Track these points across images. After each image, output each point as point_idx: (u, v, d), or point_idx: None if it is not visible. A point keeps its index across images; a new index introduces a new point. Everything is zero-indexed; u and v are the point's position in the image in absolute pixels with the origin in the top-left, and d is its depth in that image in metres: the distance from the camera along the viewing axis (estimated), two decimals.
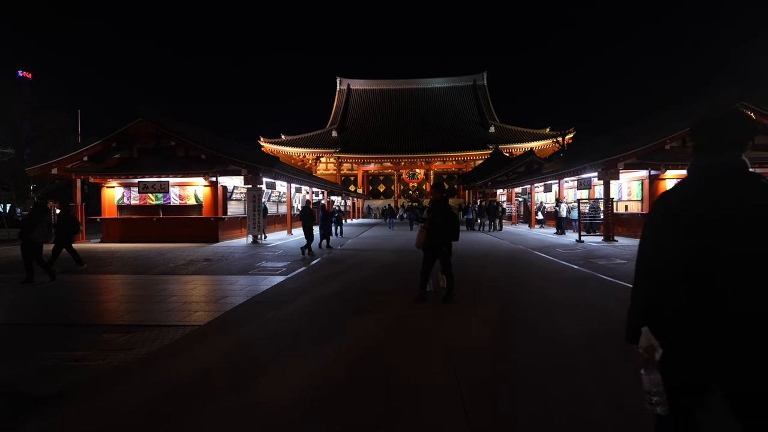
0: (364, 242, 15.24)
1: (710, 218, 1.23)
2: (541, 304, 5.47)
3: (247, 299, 5.85)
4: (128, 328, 4.52)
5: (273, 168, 13.60)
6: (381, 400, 2.75)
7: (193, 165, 13.93)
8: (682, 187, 1.37)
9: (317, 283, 7.13)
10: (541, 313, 4.96)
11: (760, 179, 1.24)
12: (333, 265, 9.40)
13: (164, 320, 4.83)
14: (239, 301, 5.78)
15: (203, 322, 4.68)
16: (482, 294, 6.14)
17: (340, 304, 5.52)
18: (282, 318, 4.85)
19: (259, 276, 7.98)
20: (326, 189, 25.54)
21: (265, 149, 48.11)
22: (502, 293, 6.16)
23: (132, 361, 3.50)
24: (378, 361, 3.47)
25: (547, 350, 3.68)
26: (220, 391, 2.92)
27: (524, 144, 45.35)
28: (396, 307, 5.22)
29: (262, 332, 4.31)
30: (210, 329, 4.45)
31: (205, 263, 9.84)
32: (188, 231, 14.25)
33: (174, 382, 3.10)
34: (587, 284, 6.81)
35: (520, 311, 5.10)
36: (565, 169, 16.61)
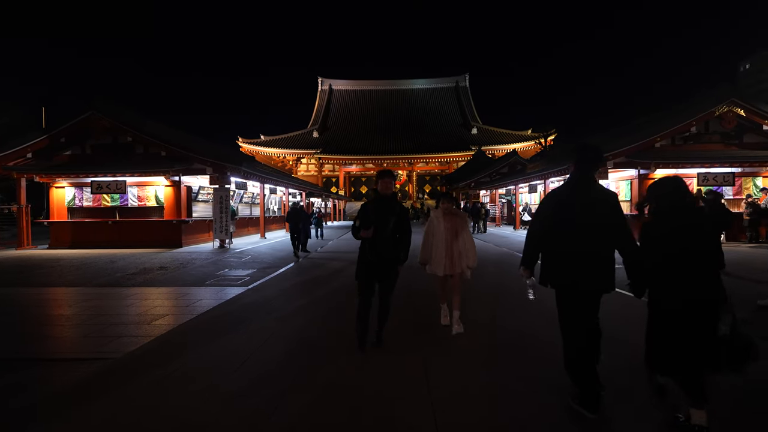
0: (343, 245, 14.27)
1: (568, 203, 2.50)
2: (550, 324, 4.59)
3: (188, 319, 4.83)
4: (16, 364, 3.47)
5: (241, 166, 12.49)
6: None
7: (154, 163, 12.69)
8: (562, 186, 2.64)
9: (281, 297, 6.15)
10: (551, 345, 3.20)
11: (597, 183, 2.53)
12: (303, 273, 8.42)
13: (72, 351, 3.79)
14: (181, 320, 4.76)
15: (119, 354, 3.66)
16: (476, 314, 5.26)
17: (298, 334, 4.56)
18: (216, 355, 3.87)
19: (216, 287, 6.96)
20: (305, 190, 24.43)
21: (244, 150, 46.60)
22: (498, 311, 5.30)
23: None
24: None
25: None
26: None
27: (506, 145, 45.23)
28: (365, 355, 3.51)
29: (178, 374, 3.33)
30: (119, 367, 3.43)
31: (160, 272, 8.72)
32: (148, 235, 13.00)
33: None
34: None
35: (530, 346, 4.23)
36: (551, 169, 16.04)
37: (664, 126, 12.19)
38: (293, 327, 4.47)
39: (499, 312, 5.04)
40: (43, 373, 3.28)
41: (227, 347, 3.81)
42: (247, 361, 3.45)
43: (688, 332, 2.16)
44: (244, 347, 3.78)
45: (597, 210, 2.46)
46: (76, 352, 3.75)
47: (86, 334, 4.29)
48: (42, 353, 3.74)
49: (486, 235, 18.40)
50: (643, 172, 12.94)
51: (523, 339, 3.97)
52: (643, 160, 12.33)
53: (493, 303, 5.52)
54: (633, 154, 12.48)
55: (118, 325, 4.66)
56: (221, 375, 3.18)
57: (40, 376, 3.21)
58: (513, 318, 4.75)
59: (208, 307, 5.45)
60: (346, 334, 3.93)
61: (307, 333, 4.25)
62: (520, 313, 4.93)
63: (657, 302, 2.29)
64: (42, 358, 3.61)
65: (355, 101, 59.97)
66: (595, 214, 2.45)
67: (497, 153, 43.50)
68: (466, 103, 57.63)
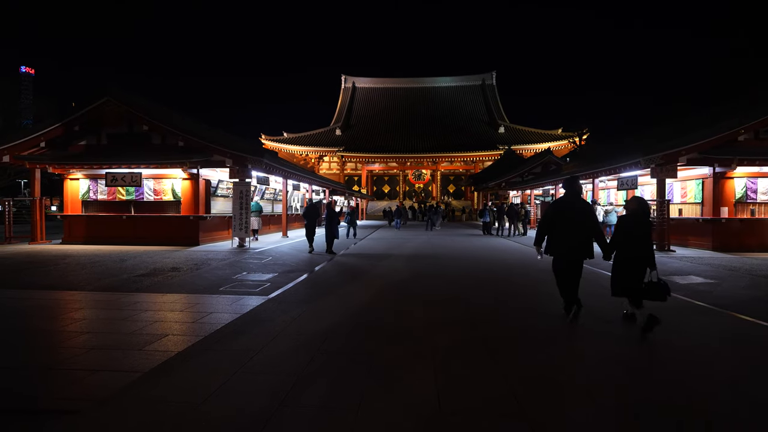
0: (375, 245, 13.06)
1: (561, 209, 4.42)
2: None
3: (192, 342, 3.67)
4: None
5: (263, 159, 11.42)
6: None
7: (171, 154, 11.79)
8: (560, 198, 4.66)
9: (308, 314, 4.93)
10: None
11: (580, 198, 4.54)
12: (333, 279, 7.22)
13: (13, 399, 2.65)
14: (181, 344, 3.61)
15: (78, 406, 2.49)
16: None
17: (336, 363, 3.32)
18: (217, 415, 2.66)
19: (231, 296, 5.84)
20: (328, 187, 23.39)
21: (267, 147, 46.09)
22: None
23: None
24: None
25: None
26: None
27: (536, 145, 43.17)
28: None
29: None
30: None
31: (170, 274, 7.71)
32: (164, 232, 12.11)
33: None
34: (702, 322, 4.59)
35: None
36: (602, 167, 14.37)
37: (753, 115, 10.39)
38: (320, 362, 3.24)
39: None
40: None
41: (236, 400, 2.60)
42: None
43: (634, 272, 4.12)
44: (262, 401, 2.57)
45: (581, 214, 4.40)
46: (11, 405, 2.61)
47: (52, 365, 3.18)
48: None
49: (526, 238, 16.85)
50: (720, 170, 11.18)
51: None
52: (724, 156, 10.58)
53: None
54: (707, 150, 10.75)
55: (100, 349, 3.55)
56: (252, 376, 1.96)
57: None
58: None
59: (218, 325, 4.30)
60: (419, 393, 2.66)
61: (352, 374, 3.00)
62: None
63: (618, 259, 4.25)
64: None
65: (378, 99, 58.88)
66: (580, 216, 4.38)
67: (525, 153, 41.51)
68: (492, 101, 55.64)
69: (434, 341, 3.81)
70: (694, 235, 11.82)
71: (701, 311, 5.05)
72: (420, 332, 4.11)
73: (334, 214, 10.98)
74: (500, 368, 3.15)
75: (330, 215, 10.82)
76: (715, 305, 5.28)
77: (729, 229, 11.07)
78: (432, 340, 3.84)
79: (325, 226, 10.85)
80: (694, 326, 4.42)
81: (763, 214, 11.38)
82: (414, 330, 4.19)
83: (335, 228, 11.00)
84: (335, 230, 10.99)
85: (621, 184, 13.58)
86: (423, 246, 13.42)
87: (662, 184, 11.41)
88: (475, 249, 12.69)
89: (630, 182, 13.10)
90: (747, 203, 11.42)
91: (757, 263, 9.06)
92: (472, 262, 9.66)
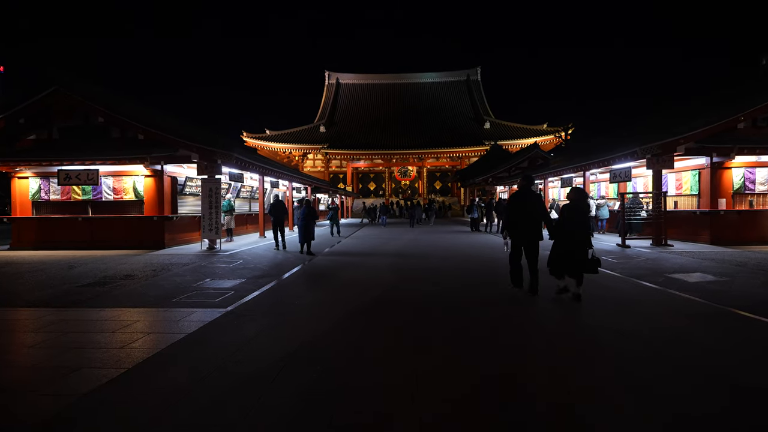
0: (358, 244, 12.21)
1: (517, 203, 5.35)
2: None
3: (102, 382, 2.77)
4: None
5: (232, 153, 10.43)
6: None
7: (131, 149, 10.71)
8: (516, 192, 5.57)
9: (264, 332, 4.07)
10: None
11: (533, 192, 5.41)
12: (307, 286, 6.35)
13: None
14: (91, 383, 2.71)
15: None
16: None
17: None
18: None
19: (182, 310, 4.94)
20: (310, 184, 22.42)
21: (249, 145, 44.81)
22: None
23: None
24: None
25: None
26: None
27: (521, 140, 42.92)
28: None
29: None
30: None
31: (121, 283, 6.74)
32: (125, 234, 11.04)
33: None
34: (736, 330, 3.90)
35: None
36: (594, 159, 13.81)
37: (752, 101, 9.87)
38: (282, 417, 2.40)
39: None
40: None
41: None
42: None
43: (575, 254, 4.85)
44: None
45: (533, 204, 5.27)
46: None
47: None
48: None
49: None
50: (717, 159, 10.67)
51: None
52: (722, 144, 10.06)
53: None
54: (705, 139, 10.22)
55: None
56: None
57: None
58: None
59: (149, 351, 3.41)
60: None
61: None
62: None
63: (558, 243, 5.05)
64: None
65: (363, 95, 57.93)
66: (532, 206, 5.26)
67: (511, 148, 41.14)
68: (478, 97, 55.25)
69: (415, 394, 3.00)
70: (691, 229, 11.31)
71: (723, 316, 4.36)
72: (400, 380, 3.30)
73: (312, 212, 10.10)
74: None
75: (307, 214, 9.94)
76: (736, 307, 4.61)
77: (727, 221, 10.58)
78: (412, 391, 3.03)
79: (302, 225, 9.97)
80: (729, 337, 3.70)
81: (762, 205, 10.94)
82: (391, 369, 3.38)
83: (312, 228, 10.15)
84: (312, 230, 10.14)
85: (613, 176, 13.02)
86: (409, 245, 12.63)
87: (658, 175, 10.86)
88: (466, 248, 11.96)
89: (623, 174, 12.54)
90: (745, 194, 10.95)
91: (763, 258, 8.54)
92: (464, 265, 8.91)
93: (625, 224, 10.86)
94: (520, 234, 5.27)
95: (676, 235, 11.56)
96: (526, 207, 5.22)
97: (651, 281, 6.39)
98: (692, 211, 11.42)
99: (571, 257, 4.86)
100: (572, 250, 4.85)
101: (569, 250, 4.88)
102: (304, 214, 9.91)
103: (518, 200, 5.35)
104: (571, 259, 4.86)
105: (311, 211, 10.06)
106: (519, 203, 5.32)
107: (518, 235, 5.29)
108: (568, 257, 4.89)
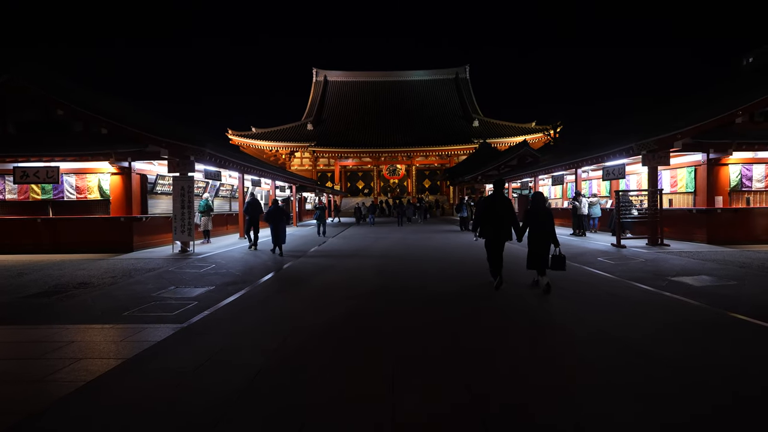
0: (344, 245, 11.56)
1: (489, 204, 5.88)
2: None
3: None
4: None
5: (204, 148, 9.68)
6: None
7: (95, 144, 9.89)
8: (488, 195, 6.28)
9: (218, 355, 3.43)
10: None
11: (503, 194, 5.90)
12: (279, 295, 5.70)
13: None
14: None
15: None
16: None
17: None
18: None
19: (131, 326, 4.29)
20: (295, 183, 21.67)
21: (234, 142, 43.73)
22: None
23: None
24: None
25: None
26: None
27: (510, 138, 42.74)
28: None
29: None
30: None
31: (72, 293, 6.04)
32: (90, 237, 10.20)
33: None
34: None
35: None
36: (586, 156, 13.41)
37: (750, 96, 9.50)
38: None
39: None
40: None
41: None
42: None
43: (540, 251, 5.50)
44: None
45: (502, 207, 5.76)
46: None
47: None
48: None
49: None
50: (714, 156, 10.30)
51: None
52: (720, 140, 9.68)
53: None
54: (702, 134, 9.84)
55: None
56: None
57: None
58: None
59: (71, 385, 2.75)
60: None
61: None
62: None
63: (530, 243, 5.62)
64: None
65: (351, 93, 57.15)
66: (502, 208, 5.75)
67: (500, 146, 40.91)
68: (466, 95, 54.91)
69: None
70: (687, 227, 10.94)
71: (738, 326, 3.86)
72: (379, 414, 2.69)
73: (278, 212, 9.57)
74: None
75: (274, 214, 9.43)
76: (755, 317, 4.12)
77: (725, 220, 10.22)
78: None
79: (272, 227, 9.52)
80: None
81: (759, 203, 10.62)
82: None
83: (281, 230, 9.65)
84: (281, 232, 9.64)
85: (606, 173, 12.61)
86: (396, 246, 12.04)
87: (654, 172, 10.46)
88: (457, 249, 11.42)
89: (616, 171, 12.15)
90: (742, 191, 10.62)
91: (765, 258, 8.16)
92: (458, 269, 8.35)
93: (620, 223, 10.43)
94: (491, 234, 5.86)
95: (671, 234, 11.20)
96: (495, 209, 5.80)
97: (653, 285, 5.92)
98: (688, 209, 11.06)
99: (536, 256, 5.58)
100: (535, 251, 5.58)
101: (533, 250, 5.62)
102: (272, 215, 9.47)
103: (491, 203, 5.88)
104: (537, 257, 5.58)
105: (279, 211, 9.57)
106: (489, 205, 5.90)
107: (490, 234, 5.87)
108: (534, 256, 5.61)
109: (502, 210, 5.72)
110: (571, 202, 14.29)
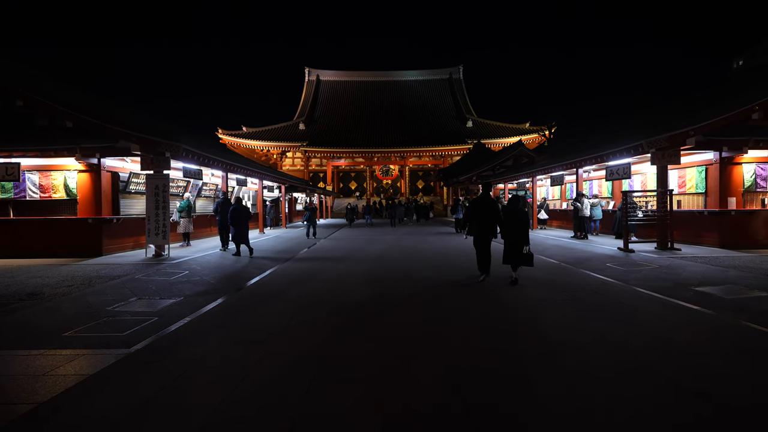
0: (334, 248, 10.75)
1: (477, 205, 6.41)
2: None
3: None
4: None
5: (180, 144, 8.84)
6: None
7: (59, 139, 9.00)
8: (478, 197, 6.55)
9: (162, 396, 2.63)
10: None
11: (490, 196, 6.46)
12: (258, 309, 4.90)
13: None
14: None
15: None
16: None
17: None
18: None
19: (63, 353, 3.52)
20: (284, 183, 20.82)
21: (224, 142, 42.70)
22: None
23: None
24: None
25: None
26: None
27: (504, 139, 42.32)
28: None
29: None
30: None
31: (16, 305, 5.23)
32: (55, 240, 9.31)
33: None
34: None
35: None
36: (589, 155, 12.79)
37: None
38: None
39: None
40: None
41: None
42: None
43: (515, 249, 6.00)
44: None
45: (489, 208, 6.28)
46: None
47: None
48: None
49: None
50: (727, 154, 9.71)
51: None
52: (735, 137, 9.09)
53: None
54: (715, 132, 9.24)
55: None
56: None
57: None
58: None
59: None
60: None
61: None
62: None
63: (506, 241, 6.14)
64: None
65: (344, 93, 56.41)
66: (488, 209, 6.26)
67: (494, 147, 40.42)
68: (460, 95, 54.48)
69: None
70: (696, 230, 10.34)
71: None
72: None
73: (241, 212, 8.94)
74: None
75: (236, 215, 8.81)
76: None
77: (739, 222, 9.63)
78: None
79: (232, 228, 8.91)
80: None
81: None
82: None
83: (244, 231, 9.08)
84: (244, 234, 9.09)
85: (610, 173, 11.98)
86: (389, 250, 11.28)
87: (664, 172, 9.83)
88: (454, 253, 10.69)
89: (621, 171, 11.51)
90: (757, 192, 10.04)
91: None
92: (457, 274, 7.61)
93: (627, 226, 9.78)
94: (479, 233, 6.37)
95: (680, 237, 10.58)
96: (485, 211, 6.30)
97: (679, 297, 5.23)
98: (698, 211, 10.45)
99: (510, 252, 6.12)
100: (509, 249, 6.14)
101: (507, 248, 6.19)
102: (231, 216, 8.94)
103: (479, 204, 6.40)
104: (511, 253, 6.11)
105: (240, 210, 9.00)
106: (478, 206, 6.41)
107: (478, 233, 6.39)
108: (509, 252, 6.14)
109: (489, 210, 6.30)
110: (573, 203, 13.66)
